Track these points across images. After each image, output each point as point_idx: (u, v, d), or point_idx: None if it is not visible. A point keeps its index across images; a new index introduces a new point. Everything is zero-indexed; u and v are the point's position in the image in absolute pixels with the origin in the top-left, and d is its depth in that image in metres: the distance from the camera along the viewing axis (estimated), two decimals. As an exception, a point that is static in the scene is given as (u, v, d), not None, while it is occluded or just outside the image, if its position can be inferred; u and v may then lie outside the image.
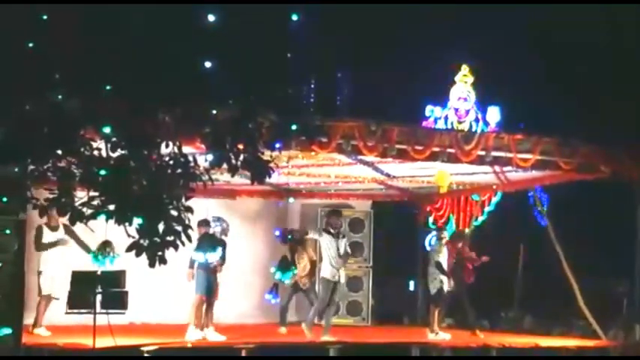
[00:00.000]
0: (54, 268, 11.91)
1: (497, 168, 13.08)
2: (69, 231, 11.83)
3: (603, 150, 12.87)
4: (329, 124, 11.13)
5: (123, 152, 6.46)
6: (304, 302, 14.26)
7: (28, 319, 11.44)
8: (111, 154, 6.50)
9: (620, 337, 13.36)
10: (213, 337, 11.98)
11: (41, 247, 12.00)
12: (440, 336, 13.06)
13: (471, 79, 15.22)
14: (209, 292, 12.12)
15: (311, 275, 13.81)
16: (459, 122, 15.03)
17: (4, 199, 7.00)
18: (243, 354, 11.10)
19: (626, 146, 13.02)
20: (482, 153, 12.20)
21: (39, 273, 11.97)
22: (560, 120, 15.16)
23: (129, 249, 6.56)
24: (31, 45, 6.19)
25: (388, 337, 13.33)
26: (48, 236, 11.98)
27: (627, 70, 15.96)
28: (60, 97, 6.29)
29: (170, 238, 6.55)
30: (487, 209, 15.69)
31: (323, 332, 12.30)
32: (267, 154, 6.90)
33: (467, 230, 15.38)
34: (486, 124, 14.97)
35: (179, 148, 6.63)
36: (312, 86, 10.09)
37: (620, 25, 15.61)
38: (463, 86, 14.99)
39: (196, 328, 12.00)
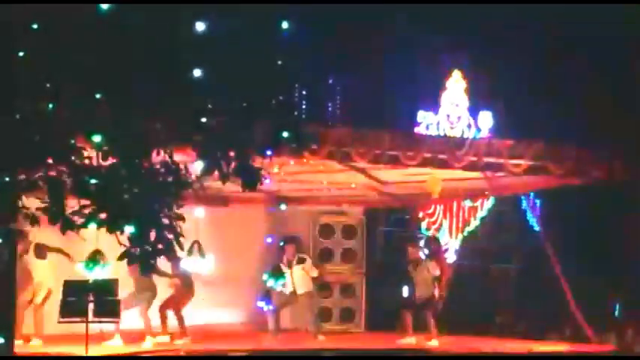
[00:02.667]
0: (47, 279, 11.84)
1: (489, 174, 13.09)
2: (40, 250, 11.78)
3: (594, 154, 12.90)
4: (320, 130, 11.13)
5: (114, 161, 6.45)
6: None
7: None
8: (102, 162, 6.49)
9: (613, 341, 13.38)
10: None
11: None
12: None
13: (463, 84, 15.25)
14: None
15: None
16: (451, 128, 15.06)
17: (-5, 208, 6.97)
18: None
19: (617, 150, 13.05)
20: (474, 159, 12.21)
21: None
22: (551, 125, 15.18)
23: (120, 257, 6.55)
24: (21, 54, 6.19)
25: (381, 343, 13.32)
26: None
27: (618, 73, 16.00)
28: (50, 105, 6.28)
29: (162, 247, 6.54)
30: (480, 215, 15.70)
31: None
32: (258, 162, 6.90)
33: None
34: (478, 129, 15.00)
35: (170, 156, 6.63)
36: (304, 93, 10.09)
37: (610, 27, 15.65)
38: (455, 92, 15.01)
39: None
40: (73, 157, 6.42)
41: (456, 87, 15.21)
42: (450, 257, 15.93)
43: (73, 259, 11.81)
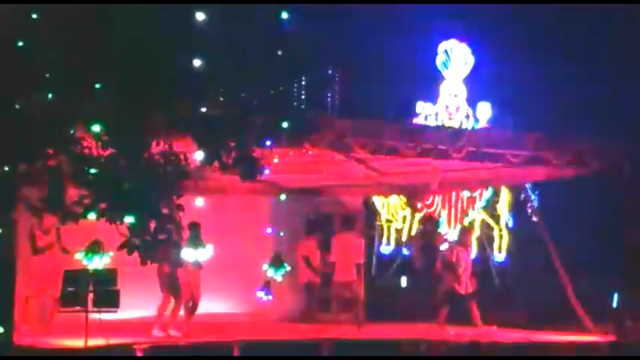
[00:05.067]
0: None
1: (487, 164, 13.10)
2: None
3: (593, 145, 12.91)
4: (320, 121, 11.13)
5: (113, 151, 6.46)
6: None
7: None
8: (101, 152, 6.49)
9: (611, 332, 13.42)
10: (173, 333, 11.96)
11: (37, 250, 11.92)
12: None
13: (462, 75, 15.25)
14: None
15: None
16: (450, 119, 15.07)
17: (-5, 198, 6.97)
18: (235, 351, 11.11)
19: (615, 141, 13.07)
20: (473, 149, 12.22)
21: None
22: (551, 116, 15.20)
23: (121, 247, 6.57)
24: (21, 44, 6.18)
25: (380, 333, 13.35)
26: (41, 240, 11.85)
27: (616, 64, 16.02)
28: (50, 96, 6.29)
29: (162, 237, 6.55)
30: (478, 205, 15.72)
31: None
32: (258, 152, 6.91)
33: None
34: (477, 120, 15.01)
35: (170, 146, 6.63)
36: (303, 83, 10.09)
37: (612, 18, 15.68)
38: (454, 83, 15.02)
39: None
40: (72, 148, 6.43)
41: (454, 78, 15.22)
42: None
43: None
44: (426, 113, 15.05)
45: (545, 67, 16.17)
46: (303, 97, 10.58)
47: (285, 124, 6.92)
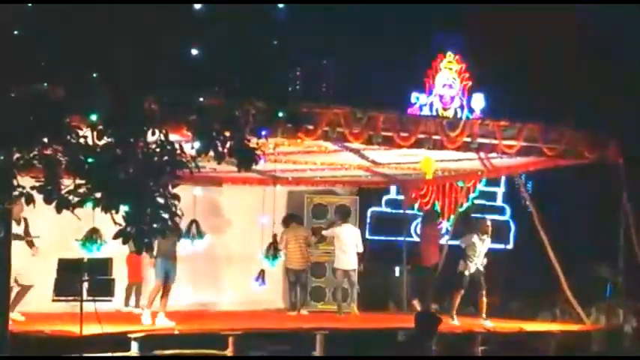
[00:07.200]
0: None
1: (482, 154, 13.13)
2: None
3: (587, 135, 12.95)
4: (315, 111, 11.14)
5: (109, 140, 6.45)
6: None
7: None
8: (97, 141, 6.49)
9: (603, 321, 13.50)
10: (162, 322, 11.95)
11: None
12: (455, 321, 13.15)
13: (456, 66, 15.29)
14: (166, 279, 12.14)
15: None
16: (444, 109, 15.10)
17: (-11, 187, 6.96)
18: (230, 340, 11.15)
19: (609, 131, 13.11)
20: (468, 140, 12.24)
21: None
22: (545, 106, 15.23)
23: (116, 236, 6.57)
24: (16, 32, 6.16)
25: (374, 323, 13.40)
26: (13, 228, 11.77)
27: (611, 56, 16.05)
28: (45, 84, 6.27)
29: (157, 226, 6.55)
30: (472, 195, 15.77)
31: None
32: (253, 142, 6.91)
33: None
34: (471, 110, 15.04)
35: (165, 136, 6.63)
36: (298, 73, 10.09)
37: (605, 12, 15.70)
38: (448, 73, 15.04)
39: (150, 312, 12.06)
40: (68, 136, 6.42)
41: (449, 68, 15.24)
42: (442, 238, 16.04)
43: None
44: (420, 103, 15.09)
45: (540, 55, 16.20)
46: (297, 86, 10.57)
47: (280, 114, 6.91)
